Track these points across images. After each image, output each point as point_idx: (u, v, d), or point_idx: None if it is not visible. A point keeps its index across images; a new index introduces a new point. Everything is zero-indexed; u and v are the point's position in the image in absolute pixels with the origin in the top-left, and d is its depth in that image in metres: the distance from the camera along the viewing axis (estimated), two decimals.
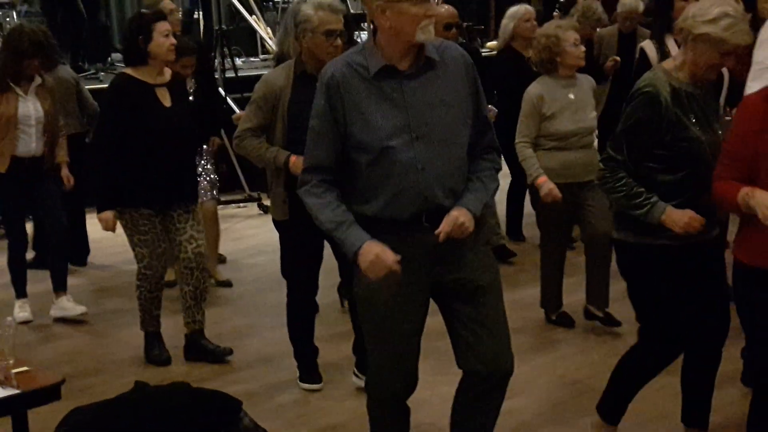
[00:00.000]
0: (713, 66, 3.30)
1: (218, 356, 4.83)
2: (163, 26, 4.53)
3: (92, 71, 9.26)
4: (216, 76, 8.38)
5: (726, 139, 3.12)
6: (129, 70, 4.62)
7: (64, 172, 5.53)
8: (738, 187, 2.95)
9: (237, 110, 8.33)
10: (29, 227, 6.56)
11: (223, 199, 7.49)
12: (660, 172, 3.31)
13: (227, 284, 6.15)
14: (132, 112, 4.51)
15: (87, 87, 6.69)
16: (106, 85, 8.45)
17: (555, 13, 10.50)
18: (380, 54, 2.95)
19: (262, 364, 4.87)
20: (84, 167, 5.89)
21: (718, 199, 3.09)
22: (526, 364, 4.43)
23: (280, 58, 4.45)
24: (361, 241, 2.93)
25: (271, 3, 11.79)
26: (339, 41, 4.04)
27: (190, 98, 5.20)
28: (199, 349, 4.84)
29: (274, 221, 4.37)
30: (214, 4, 10.70)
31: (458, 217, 2.93)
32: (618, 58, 6.92)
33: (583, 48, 5.04)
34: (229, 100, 8.39)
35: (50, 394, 3.04)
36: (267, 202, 7.05)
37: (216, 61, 9.12)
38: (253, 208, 8.29)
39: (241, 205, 8.38)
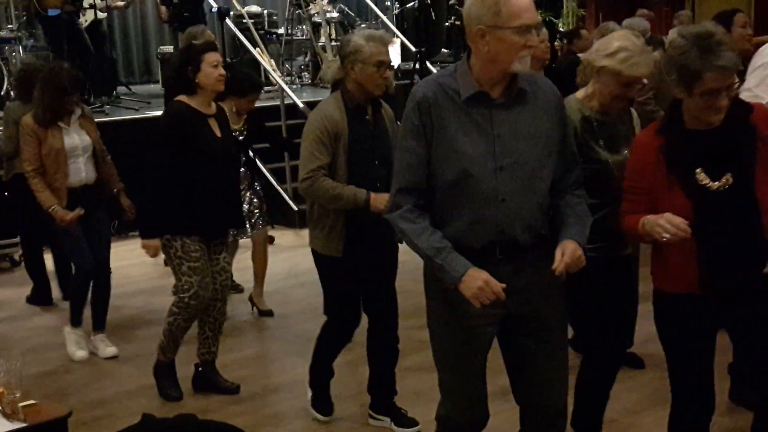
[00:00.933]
0: (617, 96, 3.54)
1: (225, 392, 4.81)
2: (212, 57, 4.52)
3: (98, 104, 9.33)
4: None
5: (625, 177, 3.23)
6: (184, 98, 4.57)
7: (125, 201, 5.51)
8: (639, 218, 3.07)
9: None
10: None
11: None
12: None
13: (269, 314, 6.12)
14: (189, 140, 4.47)
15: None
16: (112, 119, 8.73)
17: (557, 44, 10.60)
18: (473, 79, 2.90)
19: (270, 393, 4.87)
20: None
21: (627, 234, 3.20)
22: None
23: (335, 86, 4.30)
24: (465, 267, 2.86)
25: (274, 35, 11.91)
26: (389, 72, 4.03)
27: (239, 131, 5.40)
28: (208, 381, 4.84)
29: (321, 257, 4.15)
30: (218, 37, 10.81)
31: (575, 250, 2.87)
32: None
33: None
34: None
35: (57, 427, 3.05)
36: (272, 233, 7.10)
37: None
38: None
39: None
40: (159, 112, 7.72)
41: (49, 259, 6.63)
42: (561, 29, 11.75)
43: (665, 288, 3.15)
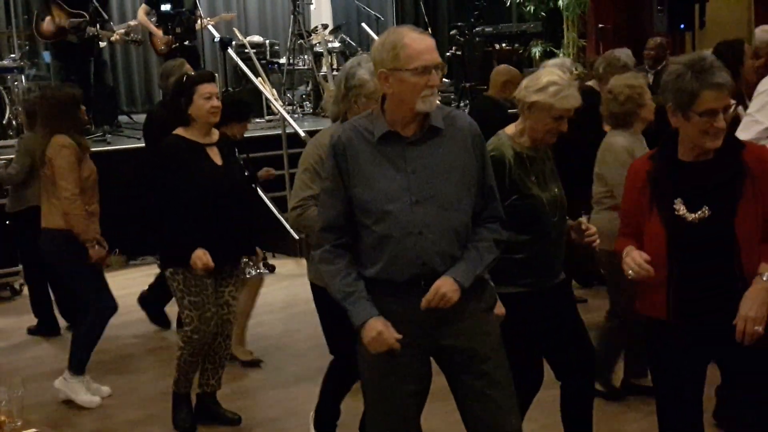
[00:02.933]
0: (550, 130, 3.61)
1: (226, 422, 4.78)
2: (205, 88, 4.48)
3: (99, 134, 9.34)
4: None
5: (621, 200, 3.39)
6: (180, 131, 4.56)
7: None
8: (625, 244, 3.18)
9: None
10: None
11: None
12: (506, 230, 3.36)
13: (255, 364, 5.76)
14: (184, 172, 4.44)
15: (94, 149, 6.74)
16: (113, 148, 8.74)
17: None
18: (384, 120, 3.02)
19: (269, 423, 4.84)
20: None
21: (617, 255, 3.24)
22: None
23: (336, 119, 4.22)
24: (367, 316, 2.99)
25: (276, 65, 11.96)
26: None
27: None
28: (209, 412, 4.81)
29: (319, 290, 3.90)
30: (220, 66, 10.87)
31: (440, 288, 2.96)
32: None
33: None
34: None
35: None
36: (272, 261, 7.09)
37: None
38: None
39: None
40: None
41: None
42: (561, 55, 11.80)
43: (643, 310, 3.22)
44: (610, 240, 4.45)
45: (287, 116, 9.31)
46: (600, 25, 12.61)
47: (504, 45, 12.96)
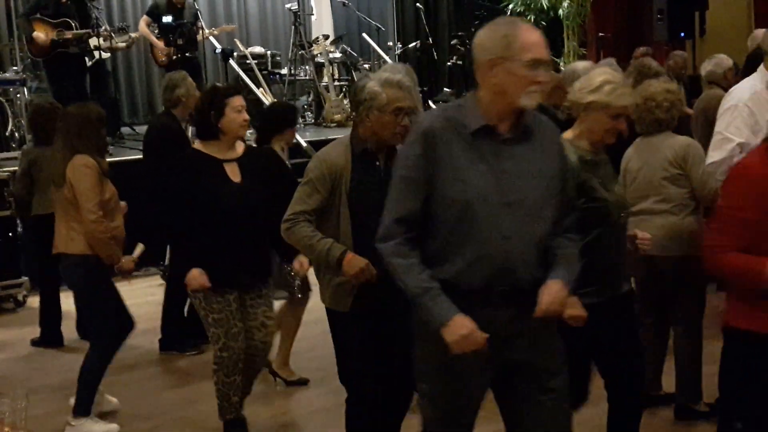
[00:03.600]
0: (609, 130, 3.58)
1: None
2: (237, 101, 4.36)
3: None
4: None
5: (722, 209, 3.06)
6: (198, 145, 4.45)
7: None
8: (759, 260, 2.87)
9: None
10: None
11: None
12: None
13: (303, 383, 5.55)
14: (199, 189, 4.31)
15: None
16: (116, 159, 8.76)
17: None
18: (480, 112, 2.84)
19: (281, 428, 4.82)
20: None
21: (731, 272, 2.98)
22: None
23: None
24: (453, 313, 2.78)
25: (277, 76, 11.99)
26: (407, 120, 3.65)
27: None
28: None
29: (336, 315, 3.77)
30: (222, 77, 10.90)
31: (560, 290, 2.80)
32: None
33: None
34: None
35: None
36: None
37: None
38: None
39: None
40: None
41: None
42: (562, 68, 11.82)
43: (744, 324, 2.97)
44: (688, 245, 4.47)
45: None
46: (600, 34, 12.65)
47: None
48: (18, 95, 9.57)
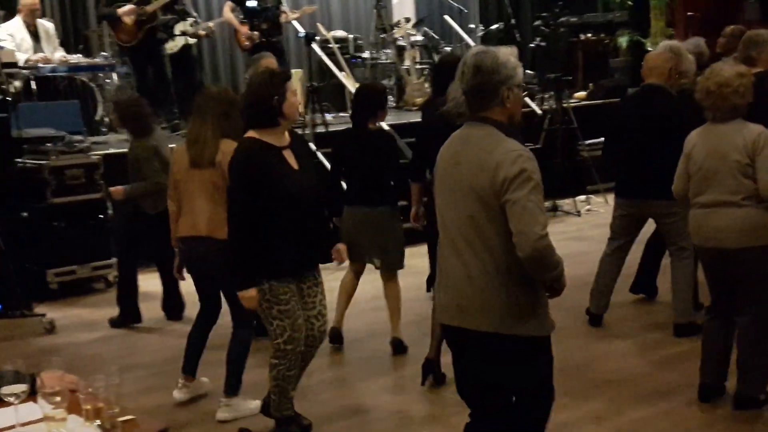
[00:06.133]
0: None
1: (298, 427, 4.64)
2: (293, 85, 4.33)
3: None
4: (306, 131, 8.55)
5: None
6: (254, 134, 4.30)
7: None
8: None
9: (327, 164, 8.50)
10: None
11: None
12: None
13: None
14: (265, 178, 4.22)
15: None
16: None
17: None
18: None
19: (345, 417, 4.87)
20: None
21: None
22: None
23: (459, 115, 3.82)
24: None
25: (359, 59, 12.02)
26: None
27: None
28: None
29: (530, 341, 3.28)
30: (305, 62, 10.97)
31: None
32: None
33: None
34: (319, 155, 8.51)
35: None
36: None
37: (307, 116, 9.31)
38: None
39: None
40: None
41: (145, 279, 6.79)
42: (649, 49, 11.58)
43: None
44: (760, 237, 4.38)
45: None
46: (689, 14, 12.34)
47: (589, 35, 12.76)
48: (107, 80, 9.79)
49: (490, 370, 3.31)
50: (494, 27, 12.92)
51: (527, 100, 10.33)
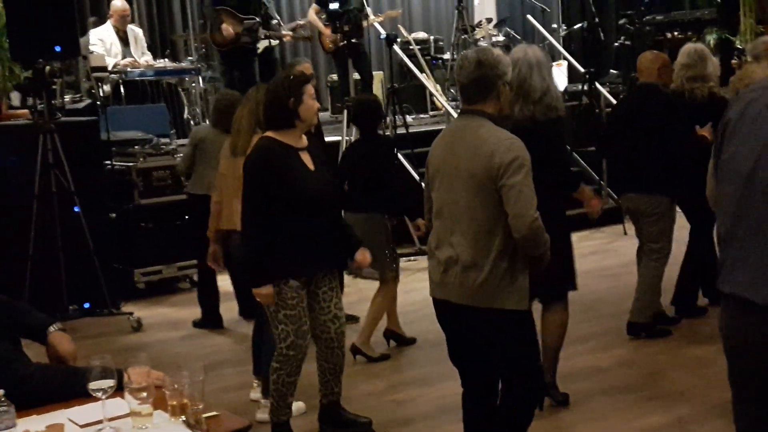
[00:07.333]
0: None
1: (357, 428, 4.65)
2: (311, 89, 4.34)
3: None
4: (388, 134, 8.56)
5: None
6: (272, 134, 4.33)
7: None
8: None
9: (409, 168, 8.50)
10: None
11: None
12: None
13: (385, 358, 5.89)
14: (280, 178, 4.24)
15: None
16: None
17: (734, 62, 10.17)
18: None
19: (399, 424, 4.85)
20: None
21: None
22: None
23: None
24: None
25: (440, 61, 11.99)
26: None
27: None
28: (336, 419, 4.69)
29: (511, 314, 3.58)
30: (386, 63, 11.00)
31: None
32: None
33: None
34: (400, 156, 8.51)
35: None
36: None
37: (388, 118, 9.33)
38: (422, 261, 8.31)
39: (411, 258, 8.44)
40: (328, 138, 7.90)
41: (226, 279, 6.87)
42: (739, 47, 11.28)
43: None
44: None
45: (452, 110, 9.31)
46: None
47: (676, 33, 12.48)
48: (193, 84, 9.97)
49: (476, 341, 3.70)
50: (577, 26, 12.75)
51: (610, 98, 10.16)
